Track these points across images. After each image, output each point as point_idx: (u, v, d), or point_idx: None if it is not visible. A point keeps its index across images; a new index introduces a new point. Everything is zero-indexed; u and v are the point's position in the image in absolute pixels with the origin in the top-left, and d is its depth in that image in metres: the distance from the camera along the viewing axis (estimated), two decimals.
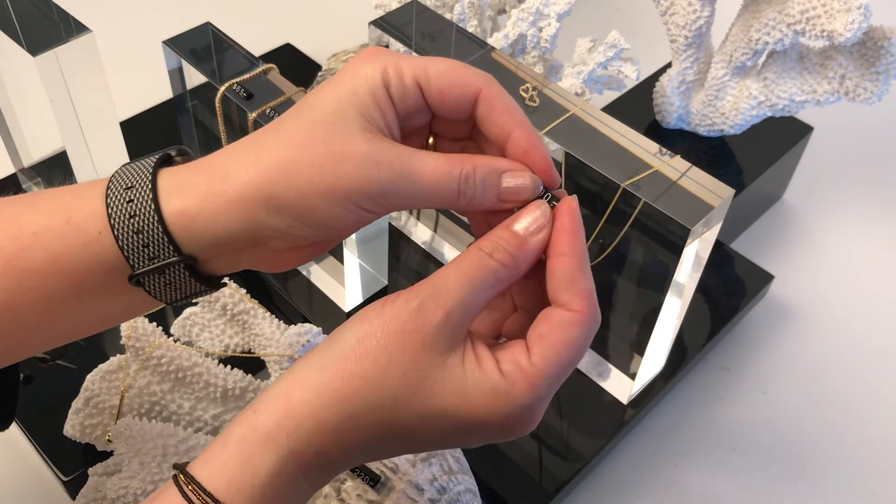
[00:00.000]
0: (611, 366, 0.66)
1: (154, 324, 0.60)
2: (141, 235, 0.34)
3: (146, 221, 0.34)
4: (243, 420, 0.35)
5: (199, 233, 0.35)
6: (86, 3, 0.82)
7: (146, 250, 0.35)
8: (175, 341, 0.62)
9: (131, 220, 0.34)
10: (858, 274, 0.83)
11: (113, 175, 0.36)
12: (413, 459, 0.52)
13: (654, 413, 0.70)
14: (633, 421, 0.66)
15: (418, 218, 0.77)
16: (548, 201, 0.37)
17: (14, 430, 0.65)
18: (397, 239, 0.76)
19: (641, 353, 0.62)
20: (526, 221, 0.36)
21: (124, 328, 0.59)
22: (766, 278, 0.76)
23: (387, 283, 0.72)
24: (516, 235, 0.35)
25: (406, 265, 0.75)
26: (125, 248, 0.35)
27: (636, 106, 0.87)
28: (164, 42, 0.68)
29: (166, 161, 0.37)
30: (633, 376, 0.64)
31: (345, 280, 0.68)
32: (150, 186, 0.35)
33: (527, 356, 0.35)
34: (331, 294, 0.71)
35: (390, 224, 0.74)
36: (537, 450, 0.63)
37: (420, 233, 0.76)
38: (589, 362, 0.67)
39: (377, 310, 0.35)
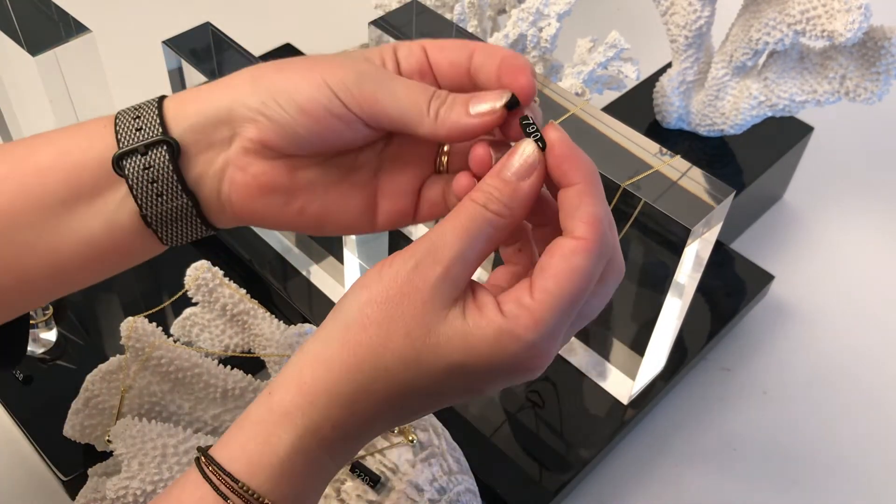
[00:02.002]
0: (611, 366, 0.66)
1: (154, 324, 0.60)
2: (138, 121, 0.38)
3: (146, 110, 0.38)
4: (260, 402, 0.36)
5: (187, 114, 0.38)
6: (86, 3, 0.81)
7: (138, 133, 0.37)
8: (175, 341, 0.62)
9: (135, 111, 0.38)
10: (858, 274, 0.83)
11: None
12: (413, 460, 0.52)
13: (654, 413, 0.70)
14: (633, 421, 0.66)
15: None
16: (531, 136, 0.35)
17: (14, 430, 0.65)
18: (397, 239, 0.76)
19: (641, 353, 0.62)
20: (516, 165, 0.35)
21: (124, 328, 0.59)
22: (766, 278, 0.76)
23: None
24: (508, 183, 0.35)
25: None
26: (120, 130, 0.37)
27: (636, 106, 0.87)
28: (164, 42, 0.68)
29: None
30: (633, 376, 0.64)
31: (345, 280, 0.68)
32: (157, 99, 0.38)
33: (529, 292, 0.34)
34: (331, 294, 0.71)
35: None
36: (537, 450, 0.63)
37: (420, 233, 0.77)
38: (589, 362, 0.67)
39: (375, 275, 0.35)
